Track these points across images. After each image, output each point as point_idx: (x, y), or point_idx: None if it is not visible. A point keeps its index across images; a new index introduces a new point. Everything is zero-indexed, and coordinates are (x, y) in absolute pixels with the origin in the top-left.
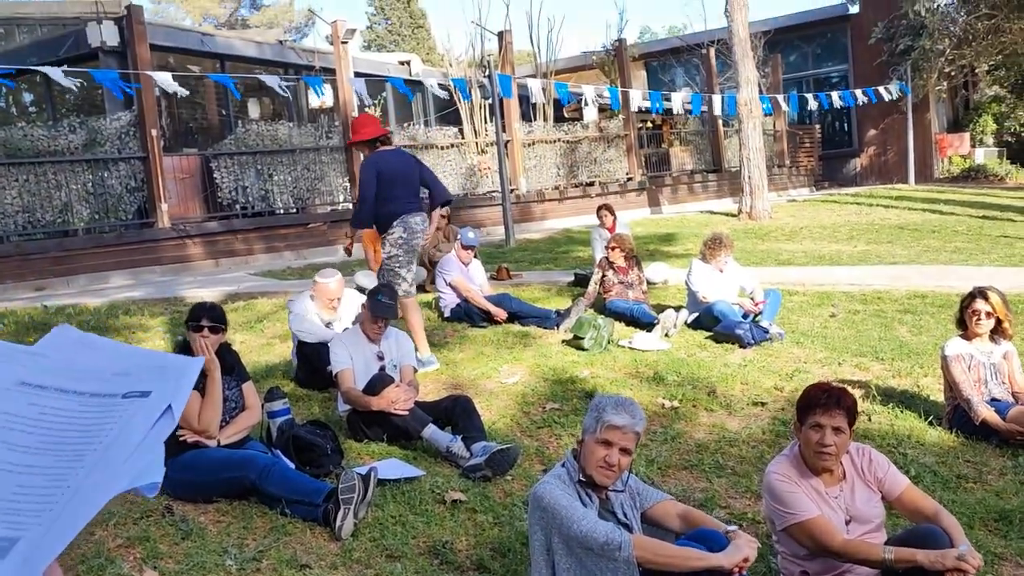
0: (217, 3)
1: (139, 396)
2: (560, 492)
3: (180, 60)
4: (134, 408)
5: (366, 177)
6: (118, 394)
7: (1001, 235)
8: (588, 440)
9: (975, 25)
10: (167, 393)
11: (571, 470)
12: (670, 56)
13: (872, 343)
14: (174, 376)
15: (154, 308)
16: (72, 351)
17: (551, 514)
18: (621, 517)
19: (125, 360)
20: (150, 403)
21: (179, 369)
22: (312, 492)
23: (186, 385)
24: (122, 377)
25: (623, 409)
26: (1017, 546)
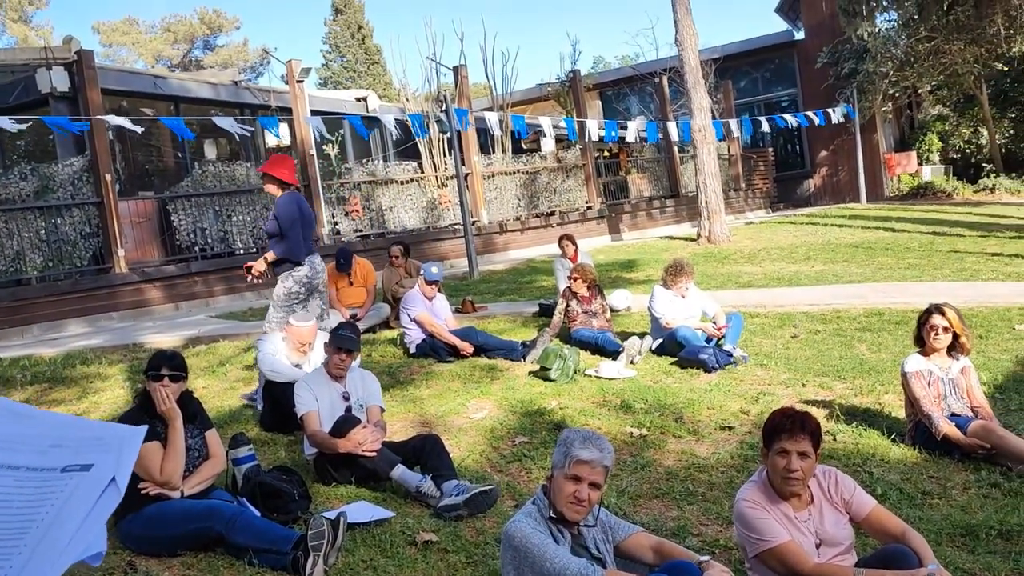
0: (169, 45)
1: (80, 470)
2: (531, 529)
3: (134, 103)
4: (75, 482)
5: (291, 212)
6: (56, 468)
7: (952, 250)
8: (557, 476)
9: (916, 47)
10: (109, 465)
11: (542, 507)
12: (624, 85)
13: (833, 362)
14: (115, 447)
15: (112, 356)
16: (6, 424)
17: (523, 552)
18: (594, 551)
19: (61, 430)
20: (92, 476)
21: (120, 439)
22: (280, 540)
23: (129, 456)
24: (58, 449)
25: (591, 443)
26: (984, 561)
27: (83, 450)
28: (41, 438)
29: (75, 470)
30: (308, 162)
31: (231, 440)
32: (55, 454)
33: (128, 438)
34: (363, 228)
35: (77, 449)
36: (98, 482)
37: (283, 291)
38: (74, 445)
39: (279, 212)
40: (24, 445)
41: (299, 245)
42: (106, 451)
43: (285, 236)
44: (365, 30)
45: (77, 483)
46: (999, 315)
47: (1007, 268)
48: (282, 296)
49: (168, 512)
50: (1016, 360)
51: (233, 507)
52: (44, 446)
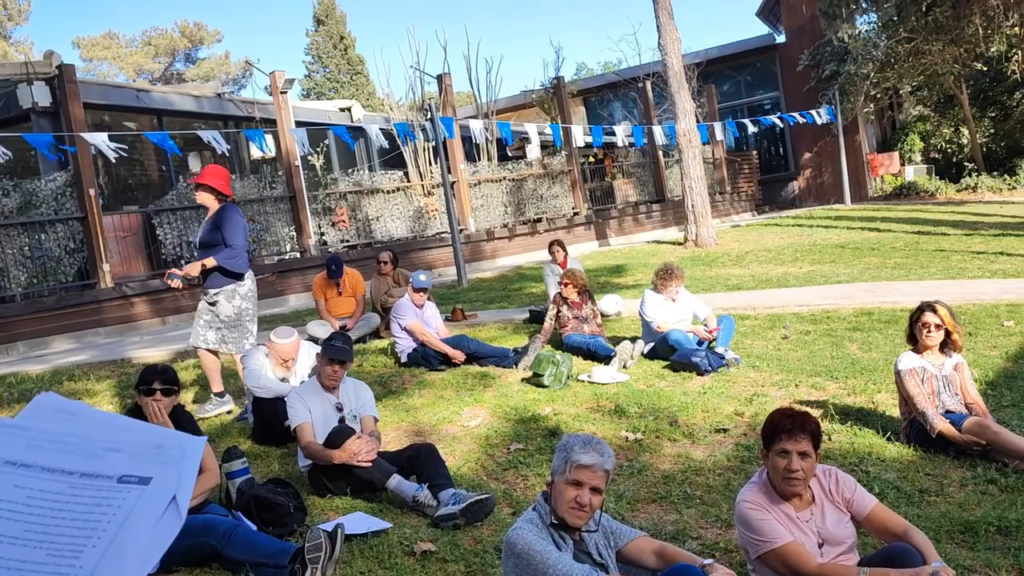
0: (150, 59)
1: (137, 483)
2: (533, 536)
3: (116, 118)
4: (134, 497)
5: (241, 224)
6: (113, 476)
7: (937, 249)
8: (558, 481)
9: (896, 48)
10: (171, 481)
11: (543, 513)
12: (608, 91)
13: (825, 362)
14: (175, 459)
15: (100, 372)
16: (57, 422)
17: (526, 560)
18: (597, 558)
19: (117, 433)
20: (152, 493)
21: (179, 450)
22: (277, 553)
23: (190, 471)
24: (114, 454)
25: (591, 448)
26: (985, 557)
27: (142, 458)
28: (93, 440)
29: (132, 482)
30: (294, 173)
31: (224, 453)
32: (111, 459)
33: (189, 449)
34: (350, 239)
35: (135, 456)
36: (158, 500)
37: (233, 311)
38: (130, 451)
39: (229, 223)
40: (77, 447)
41: (245, 259)
42: (165, 463)
43: (234, 248)
44: (347, 40)
45: (136, 498)
46: (987, 312)
47: (993, 265)
48: (233, 317)
49: None
50: (1006, 356)
51: (228, 521)
52: (98, 449)
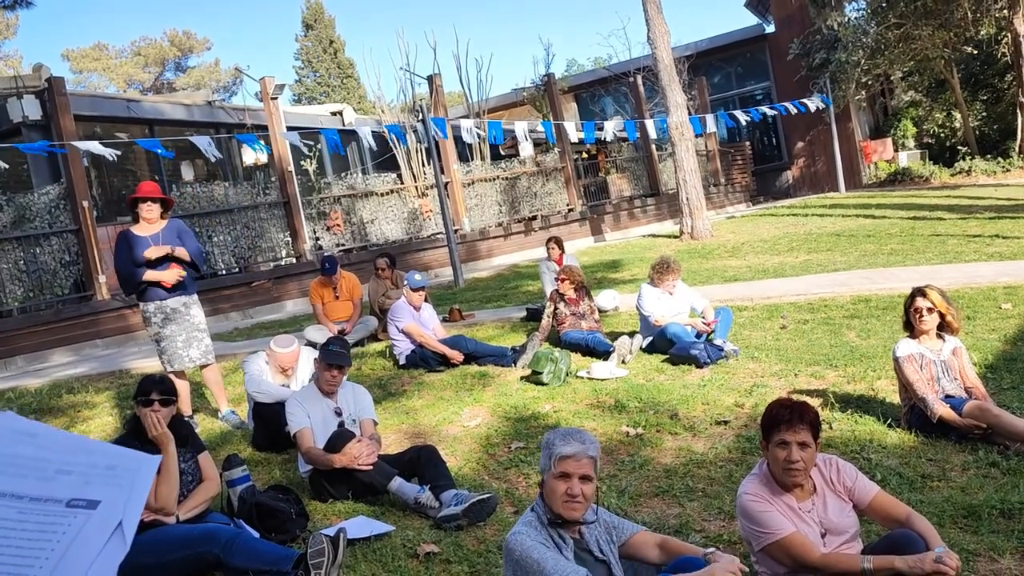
0: (140, 69)
1: (85, 507)
2: (531, 542)
3: (107, 128)
4: (79, 522)
5: None
6: (62, 500)
7: (933, 234)
8: (547, 479)
9: (886, 35)
10: (118, 505)
11: (540, 513)
12: (599, 86)
13: (824, 351)
14: (127, 482)
15: (99, 384)
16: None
17: (524, 566)
18: (598, 554)
19: (71, 454)
20: (99, 517)
21: (132, 471)
22: (280, 560)
23: (140, 494)
24: (66, 476)
25: (571, 438)
26: (989, 541)
27: (92, 481)
28: (46, 462)
29: (81, 506)
30: (287, 179)
31: (225, 461)
32: (61, 482)
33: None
34: (345, 242)
35: (86, 478)
36: (104, 525)
37: (204, 317)
38: (82, 473)
39: (192, 236)
40: (29, 469)
41: None
42: (117, 486)
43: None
44: (337, 44)
45: (82, 524)
46: (984, 295)
47: (989, 248)
48: (205, 322)
49: (164, 538)
50: (1005, 339)
51: (230, 529)
52: (50, 471)
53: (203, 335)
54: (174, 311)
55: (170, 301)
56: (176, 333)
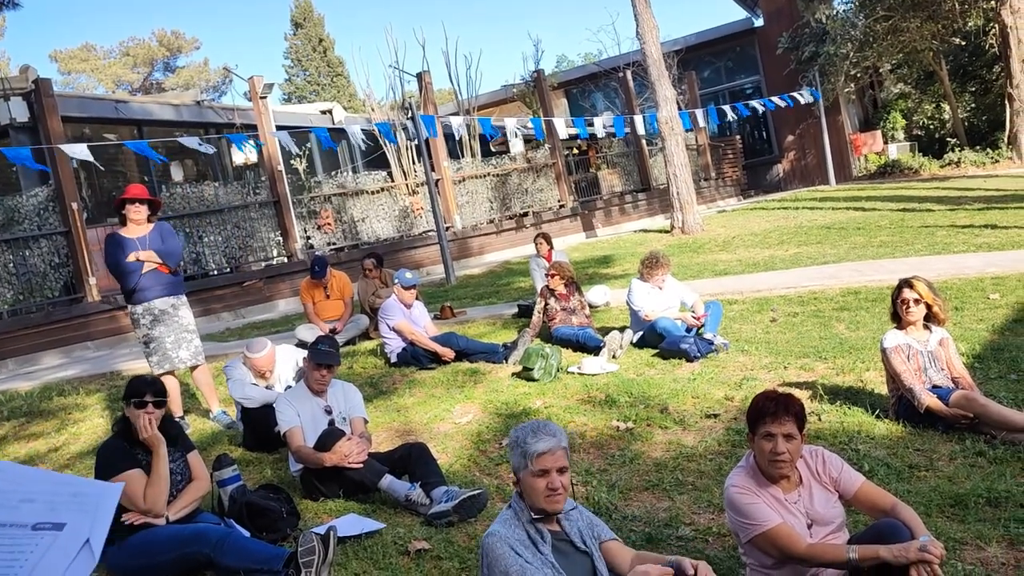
0: (129, 69)
1: (51, 528)
2: (503, 549)
3: (96, 130)
4: (46, 543)
5: None
6: (27, 525)
7: (922, 225)
8: (524, 476)
9: (874, 27)
10: (84, 526)
11: (518, 510)
12: (589, 82)
13: (814, 343)
14: (92, 506)
15: (90, 386)
16: None
17: (494, 572)
18: (580, 545)
19: (31, 484)
20: (65, 537)
21: (96, 496)
22: (271, 559)
23: (105, 516)
24: (29, 504)
25: (541, 433)
26: (976, 529)
27: (57, 507)
28: (10, 493)
29: (47, 528)
30: (277, 178)
31: (215, 461)
32: (26, 509)
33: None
34: (336, 241)
35: (51, 505)
36: (71, 543)
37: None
38: (47, 500)
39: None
40: None
41: None
42: (81, 510)
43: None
44: (326, 43)
45: (49, 544)
46: (973, 286)
47: (977, 239)
48: (194, 323)
49: (155, 539)
50: (992, 329)
51: (221, 529)
52: (14, 501)
53: (192, 336)
54: (163, 312)
55: (158, 302)
56: (165, 334)
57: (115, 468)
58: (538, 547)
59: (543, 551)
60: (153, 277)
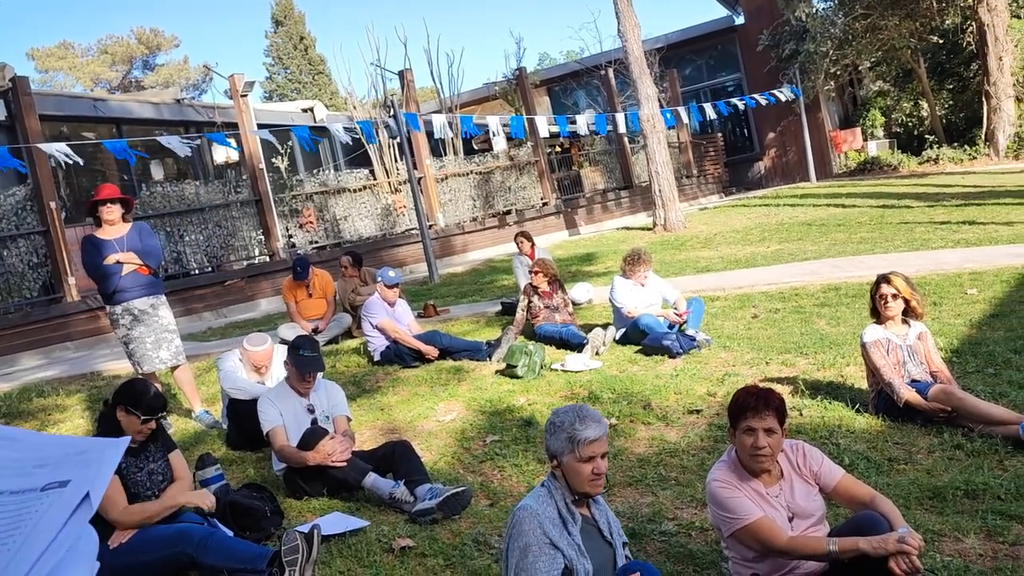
0: (107, 67)
1: (58, 487)
2: (533, 525)
3: (74, 128)
4: (50, 500)
5: None
6: (37, 488)
7: (901, 222)
8: (568, 461)
9: (853, 25)
10: (86, 479)
11: (552, 490)
12: (571, 80)
13: (795, 339)
14: (95, 459)
15: (70, 387)
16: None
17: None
18: (607, 535)
19: (47, 450)
20: (67, 493)
21: (101, 450)
22: (255, 558)
23: (108, 468)
24: (42, 469)
25: (589, 420)
26: (954, 521)
27: (64, 466)
28: (26, 460)
29: (54, 487)
30: (258, 176)
31: (198, 461)
32: (39, 474)
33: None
34: (318, 239)
35: (59, 465)
36: (72, 497)
37: (173, 317)
38: (55, 463)
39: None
40: (9, 469)
41: None
42: (85, 465)
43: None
44: (307, 40)
45: (53, 500)
46: (951, 281)
47: (955, 235)
48: (174, 323)
49: (137, 540)
50: (970, 324)
51: (203, 529)
52: (29, 467)
53: (173, 336)
54: (142, 312)
55: (137, 302)
56: (145, 335)
57: None
58: (567, 527)
59: (571, 531)
60: (132, 278)
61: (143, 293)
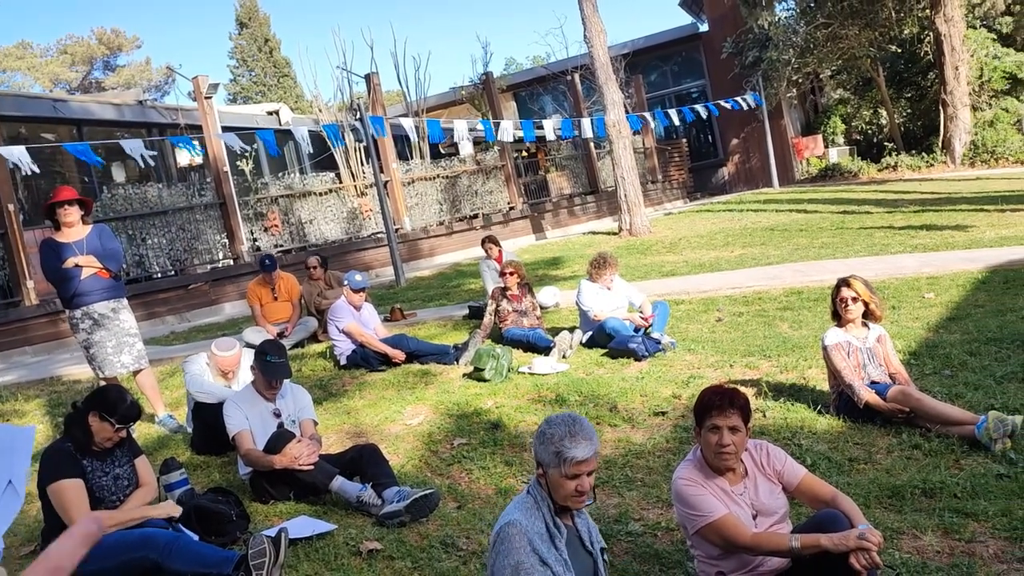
0: (67, 67)
1: None
2: (523, 542)
3: (33, 129)
4: None
5: None
6: None
7: (861, 227)
8: (553, 474)
9: (815, 34)
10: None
11: (538, 498)
12: (537, 85)
13: (758, 342)
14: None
15: (28, 392)
16: None
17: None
18: (587, 544)
19: None
20: None
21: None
22: (221, 562)
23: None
24: None
25: (579, 438)
26: (911, 519)
27: None
28: None
29: None
30: (223, 179)
31: (162, 465)
32: None
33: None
34: (284, 243)
35: None
36: None
37: (135, 321)
38: None
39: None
40: None
41: None
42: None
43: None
44: (272, 43)
45: None
46: (909, 285)
47: (913, 240)
48: (136, 326)
49: (101, 545)
50: (927, 327)
51: (168, 533)
52: None
53: (135, 340)
54: (102, 316)
55: (97, 306)
56: (106, 339)
57: (56, 474)
58: (555, 542)
59: (559, 547)
60: (92, 281)
61: (103, 297)
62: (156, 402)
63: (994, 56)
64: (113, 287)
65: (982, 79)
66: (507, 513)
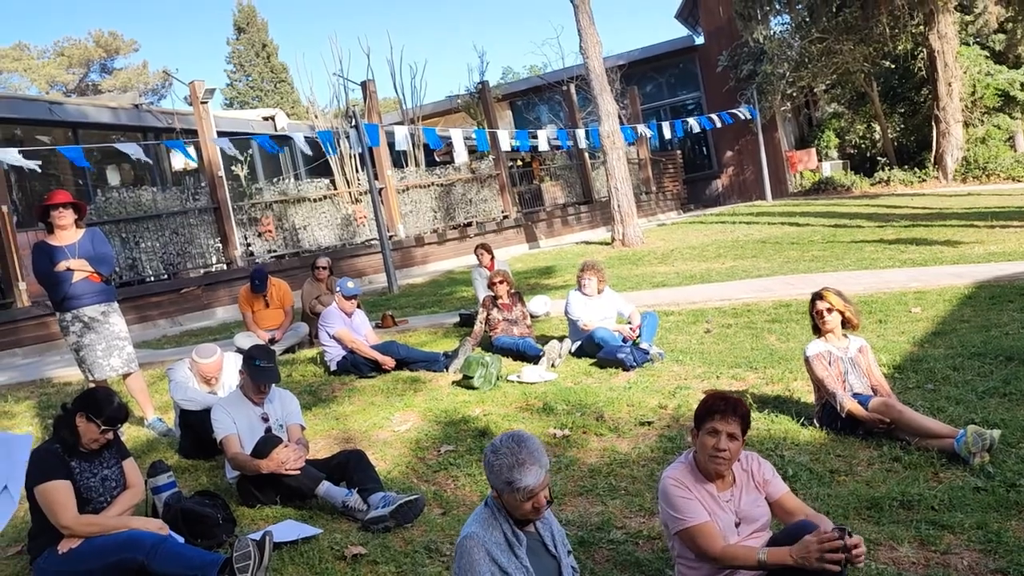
0: (64, 70)
1: None
2: (480, 555)
3: (28, 132)
4: None
5: None
6: None
7: (852, 241)
8: (507, 496)
9: (809, 48)
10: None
11: (495, 510)
12: (533, 95)
13: (745, 354)
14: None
15: (18, 393)
16: None
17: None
18: (551, 548)
19: None
20: None
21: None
22: (206, 565)
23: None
24: None
25: (528, 465)
26: (889, 531)
27: None
28: None
29: None
30: (217, 184)
31: (150, 468)
32: None
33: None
34: (277, 248)
35: None
36: None
37: (125, 324)
38: None
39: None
40: None
41: None
42: None
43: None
44: (270, 48)
45: None
46: (896, 299)
47: (903, 255)
48: (126, 330)
49: (87, 546)
50: (912, 341)
51: (154, 535)
52: None
53: (124, 343)
54: (92, 319)
55: (87, 310)
56: (96, 342)
57: (44, 475)
58: (514, 550)
59: (519, 554)
60: (83, 285)
61: (94, 300)
62: (145, 405)
63: (987, 73)
64: (104, 291)
65: (975, 96)
66: (466, 526)
